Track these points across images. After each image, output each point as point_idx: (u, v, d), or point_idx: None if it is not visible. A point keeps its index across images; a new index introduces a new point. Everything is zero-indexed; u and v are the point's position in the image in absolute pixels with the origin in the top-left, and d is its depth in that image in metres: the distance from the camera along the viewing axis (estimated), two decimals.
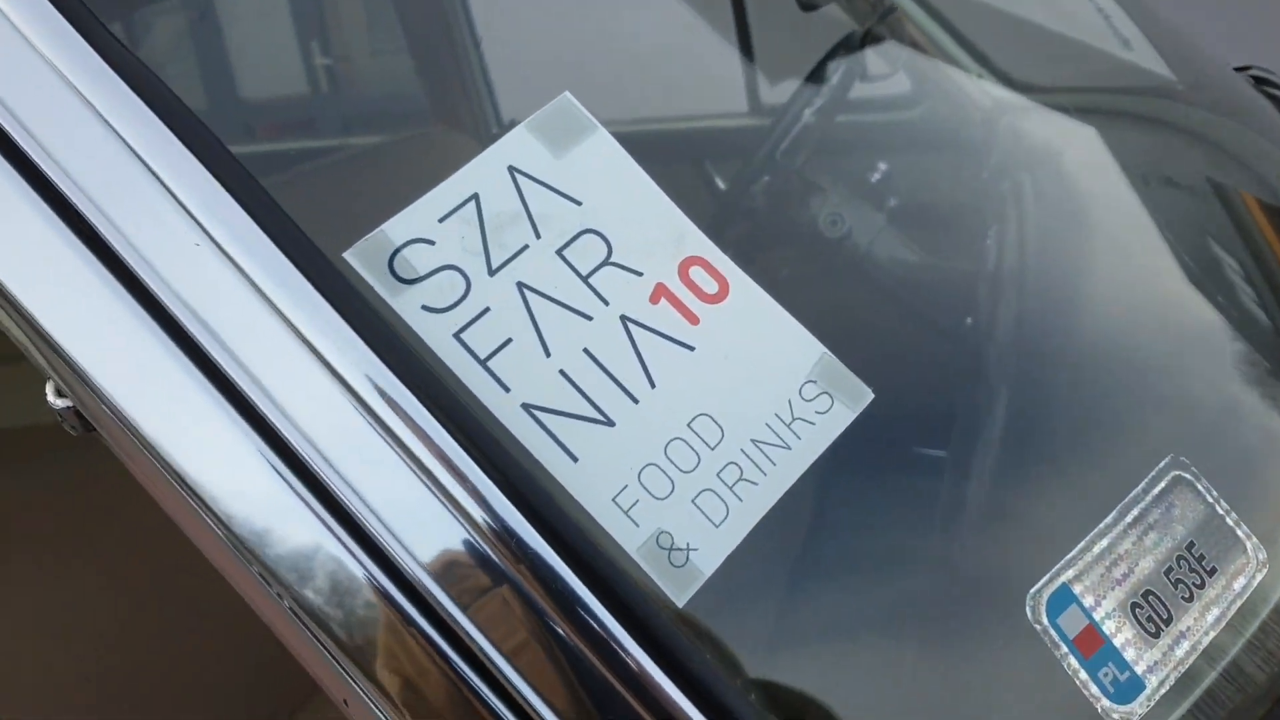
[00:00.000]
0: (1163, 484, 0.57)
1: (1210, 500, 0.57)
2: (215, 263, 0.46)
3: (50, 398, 0.48)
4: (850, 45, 1.31)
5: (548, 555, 0.45)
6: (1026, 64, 1.49)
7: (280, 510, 0.45)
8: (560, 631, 0.45)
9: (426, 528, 0.45)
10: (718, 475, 0.49)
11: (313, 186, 0.87)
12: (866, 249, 1.15)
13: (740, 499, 0.49)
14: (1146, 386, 0.67)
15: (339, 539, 0.45)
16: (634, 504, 0.48)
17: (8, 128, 0.46)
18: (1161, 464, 0.57)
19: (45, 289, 0.46)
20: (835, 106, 1.26)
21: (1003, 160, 1.29)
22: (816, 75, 1.35)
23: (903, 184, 1.29)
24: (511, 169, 0.52)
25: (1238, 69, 1.25)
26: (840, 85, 1.31)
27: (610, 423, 0.49)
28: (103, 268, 0.45)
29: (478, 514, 0.45)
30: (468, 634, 0.45)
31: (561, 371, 0.49)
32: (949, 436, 0.62)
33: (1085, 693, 0.50)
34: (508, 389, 0.48)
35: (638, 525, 0.48)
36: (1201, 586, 0.55)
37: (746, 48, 1.46)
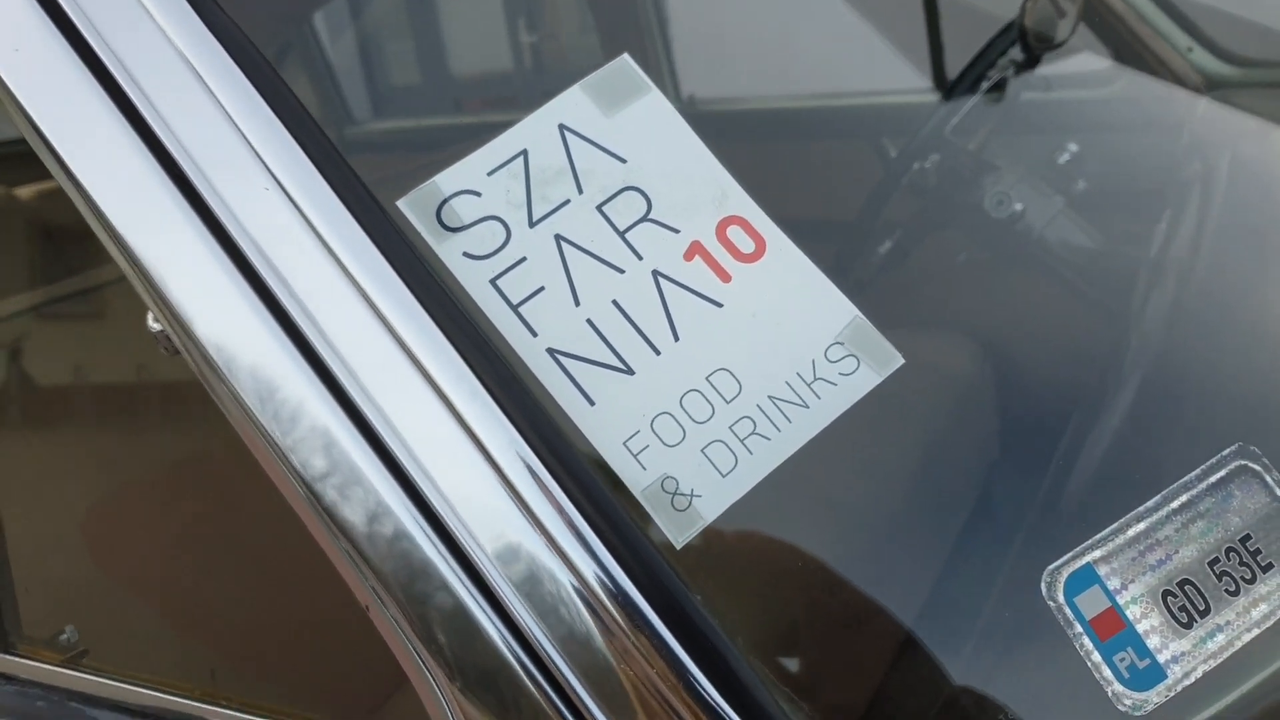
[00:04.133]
0: (1223, 472, 0.54)
1: (1279, 494, 0.54)
2: (282, 206, 0.51)
3: (149, 322, 0.55)
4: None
5: (555, 488, 0.48)
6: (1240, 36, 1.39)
7: (319, 424, 0.50)
8: (563, 561, 0.48)
9: (448, 457, 0.49)
10: (730, 428, 0.51)
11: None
12: (1037, 231, 1.11)
13: (750, 452, 0.51)
14: (1222, 376, 0.62)
15: (367, 454, 0.49)
16: (644, 449, 0.51)
17: (123, 84, 0.53)
18: (1226, 451, 0.54)
19: (144, 229, 0.53)
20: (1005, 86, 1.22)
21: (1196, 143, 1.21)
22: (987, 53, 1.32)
23: (1082, 167, 1.24)
24: (562, 126, 0.55)
25: None
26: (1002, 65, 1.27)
27: (630, 371, 0.52)
28: (189, 208, 0.52)
29: (493, 447, 0.49)
30: (483, 562, 0.49)
31: (589, 320, 0.52)
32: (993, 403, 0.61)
33: (1096, 675, 0.49)
34: (535, 334, 0.52)
35: (645, 469, 0.50)
36: (1252, 581, 0.52)
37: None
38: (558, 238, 0.53)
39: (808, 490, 0.54)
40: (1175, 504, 0.53)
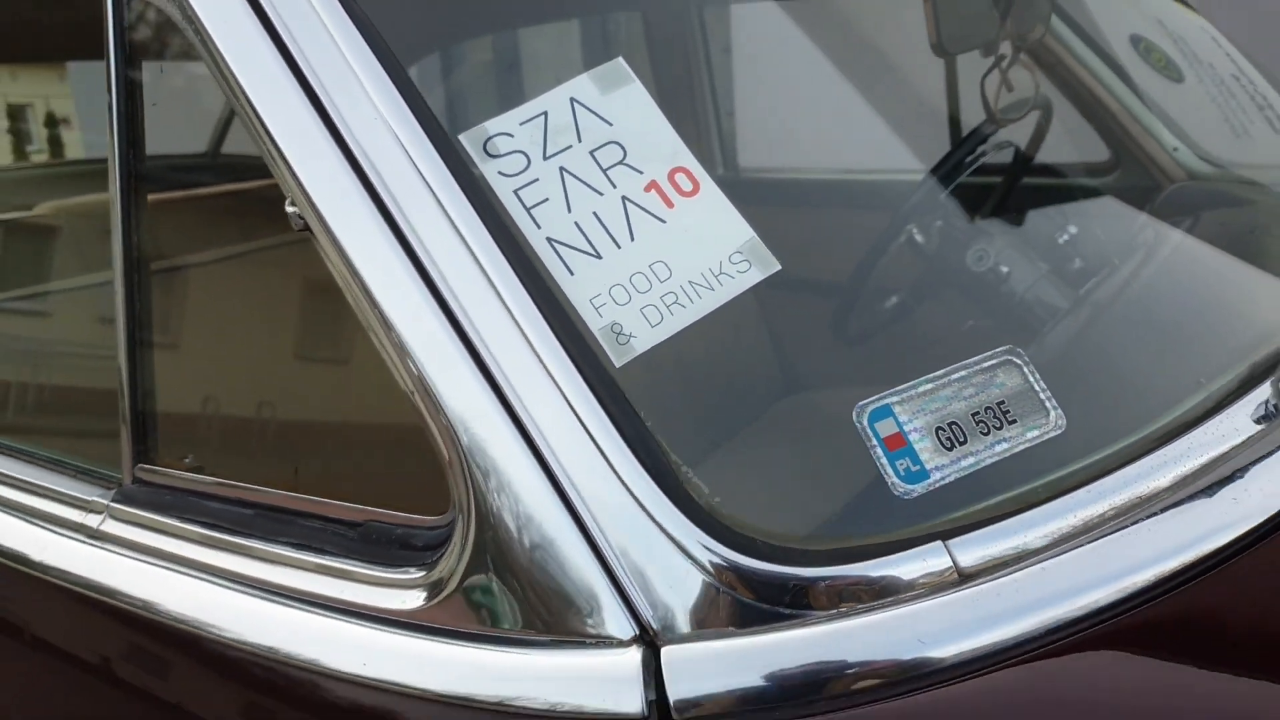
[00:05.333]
0: (994, 361, 0.80)
1: (1031, 380, 0.79)
2: (385, 132, 0.79)
3: (287, 207, 0.83)
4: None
5: (546, 329, 0.75)
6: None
7: (397, 275, 0.77)
8: (544, 369, 0.75)
9: (481, 308, 0.77)
10: (660, 298, 0.78)
11: None
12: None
13: (672, 314, 0.78)
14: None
15: (426, 295, 0.77)
16: (603, 305, 0.77)
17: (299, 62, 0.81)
18: (999, 349, 0.80)
19: (292, 138, 0.81)
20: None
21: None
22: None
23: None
24: (572, 99, 0.83)
25: None
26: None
27: (599, 256, 0.79)
28: (322, 125, 0.80)
29: (510, 303, 0.76)
30: (497, 371, 0.76)
31: (575, 223, 0.80)
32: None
33: (884, 473, 0.75)
34: (539, 227, 0.79)
35: (601, 317, 0.77)
36: (999, 428, 0.77)
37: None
38: (560, 168, 0.81)
39: (703, 343, 0.80)
40: (955, 376, 0.79)
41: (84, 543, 1.02)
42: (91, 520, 1.02)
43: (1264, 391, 0.86)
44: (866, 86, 2.00)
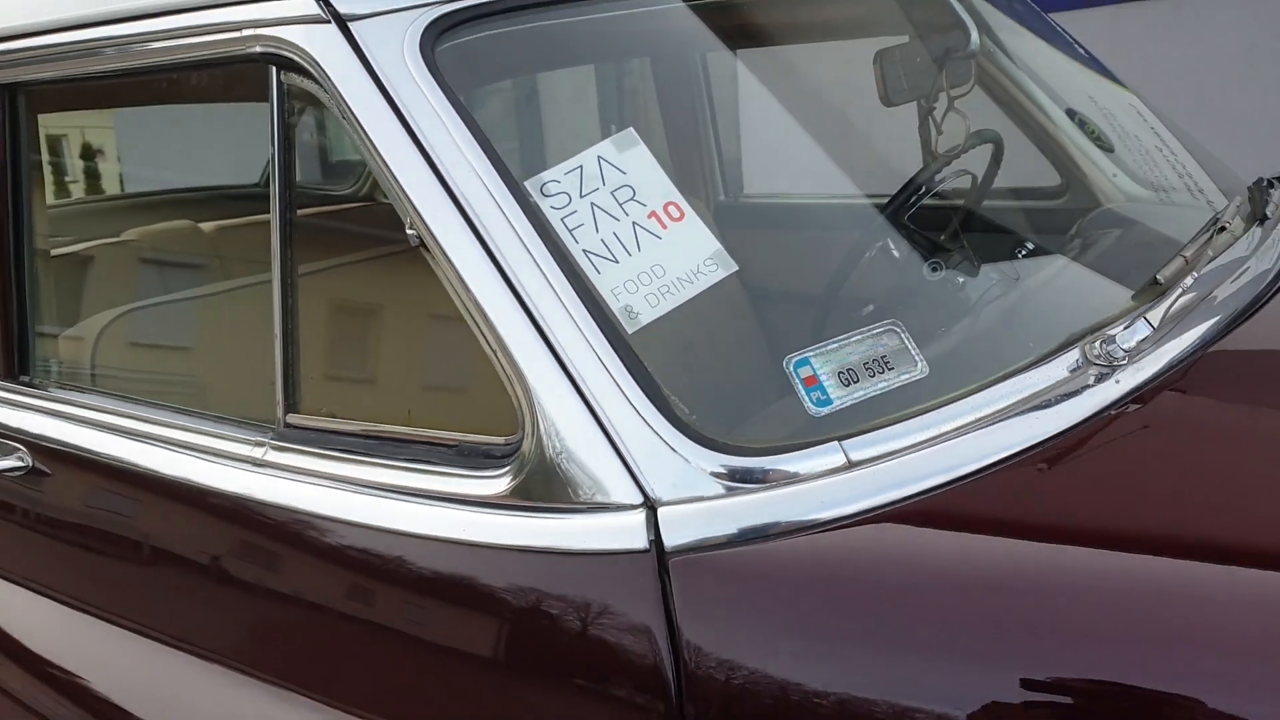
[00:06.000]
0: (881, 330, 1.19)
1: (906, 343, 1.19)
2: (476, 180, 1.20)
3: (407, 229, 1.24)
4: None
5: (580, 309, 1.16)
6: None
7: (488, 284, 1.18)
8: (582, 332, 1.15)
9: (537, 283, 1.17)
10: (656, 288, 1.18)
11: None
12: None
13: (664, 300, 1.18)
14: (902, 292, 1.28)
15: (501, 283, 1.17)
16: (619, 293, 1.18)
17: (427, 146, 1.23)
18: (885, 322, 1.20)
19: (414, 183, 1.22)
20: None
21: None
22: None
23: None
24: (599, 157, 1.24)
25: None
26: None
27: (617, 261, 1.19)
28: (434, 176, 1.21)
29: (557, 288, 1.16)
30: (549, 330, 1.16)
31: (601, 240, 1.20)
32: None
33: (804, 400, 1.15)
34: (577, 242, 1.20)
35: (617, 300, 1.18)
36: (882, 373, 1.17)
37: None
38: (591, 203, 1.22)
39: (688, 319, 1.20)
40: (853, 339, 1.18)
41: (251, 470, 1.42)
42: (257, 453, 1.43)
43: (1075, 353, 1.25)
44: (843, 129, 2.42)
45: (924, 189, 1.97)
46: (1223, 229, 1.49)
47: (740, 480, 1.11)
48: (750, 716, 1.03)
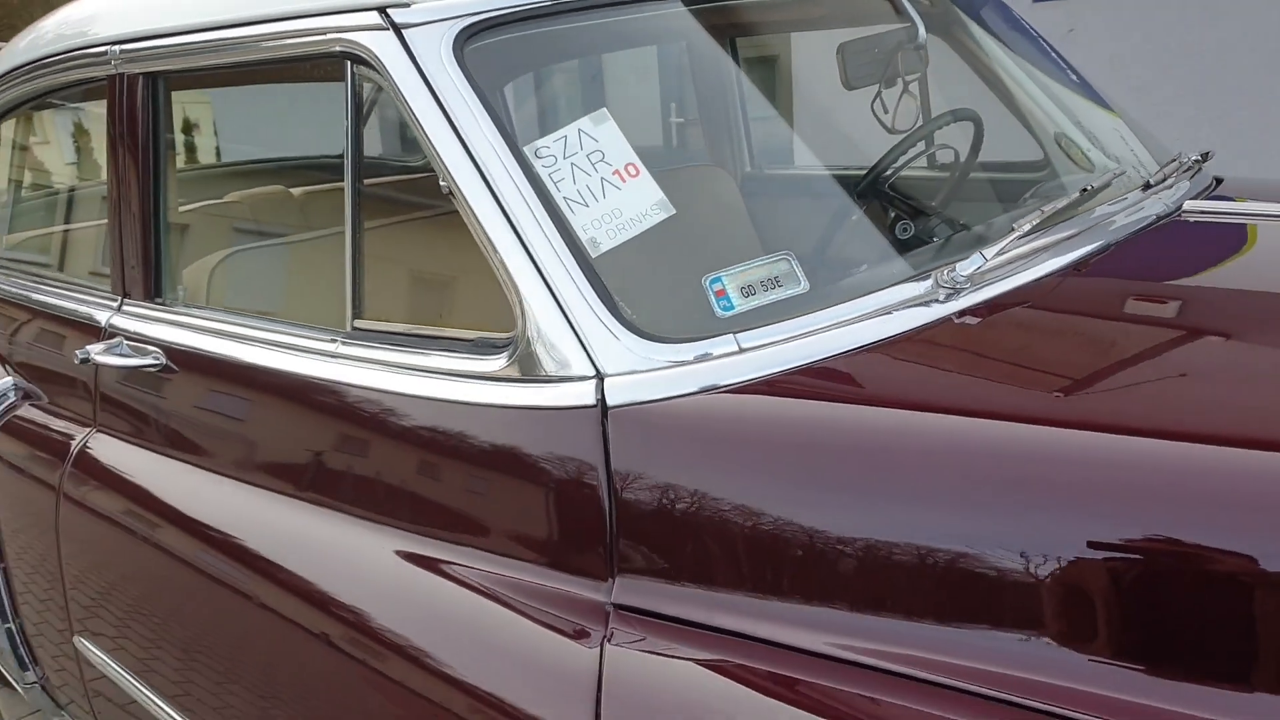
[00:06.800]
0: (776, 258, 1.64)
1: (795, 269, 1.63)
2: (490, 148, 1.67)
3: (440, 182, 1.71)
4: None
5: (556, 239, 1.62)
6: None
7: (497, 225, 1.65)
8: (559, 257, 1.62)
9: (530, 221, 1.64)
10: (615, 224, 1.64)
11: None
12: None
13: (620, 235, 1.64)
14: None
15: (506, 225, 1.64)
16: (588, 227, 1.64)
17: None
18: (779, 251, 1.64)
19: (450, 154, 1.69)
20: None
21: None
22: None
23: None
24: (579, 129, 1.70)
25: None
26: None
27: (587, 205, 1.66)
28: (464, 150, 1.68)
29: (543, 225, 1.63)
30: (539, 258, 1.63)
31: (577, 189, 1.67)
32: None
33: (712, 306, 1.60)
34: (559, 190, 1.66)
35: (586, 233, 1.64)
36: (773, 289, 1.61)
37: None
38: (571, 163, 1.68)
39: (637, 249, 1.66)
40: (756, 263, 1.63)
41: (328, 361, 1.93)
42: (331, 348, 1.93)
43: (930, 280, 1.68)
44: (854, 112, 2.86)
45: (897, 161, 2.40)
46: (1085, 190, 1.89)
47: (665, 359, 1.56)
48: (661, 518, 1.49)
